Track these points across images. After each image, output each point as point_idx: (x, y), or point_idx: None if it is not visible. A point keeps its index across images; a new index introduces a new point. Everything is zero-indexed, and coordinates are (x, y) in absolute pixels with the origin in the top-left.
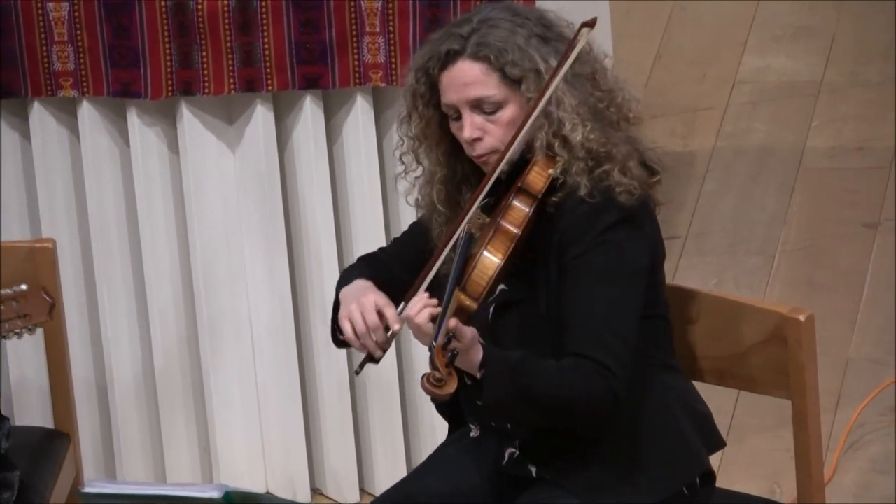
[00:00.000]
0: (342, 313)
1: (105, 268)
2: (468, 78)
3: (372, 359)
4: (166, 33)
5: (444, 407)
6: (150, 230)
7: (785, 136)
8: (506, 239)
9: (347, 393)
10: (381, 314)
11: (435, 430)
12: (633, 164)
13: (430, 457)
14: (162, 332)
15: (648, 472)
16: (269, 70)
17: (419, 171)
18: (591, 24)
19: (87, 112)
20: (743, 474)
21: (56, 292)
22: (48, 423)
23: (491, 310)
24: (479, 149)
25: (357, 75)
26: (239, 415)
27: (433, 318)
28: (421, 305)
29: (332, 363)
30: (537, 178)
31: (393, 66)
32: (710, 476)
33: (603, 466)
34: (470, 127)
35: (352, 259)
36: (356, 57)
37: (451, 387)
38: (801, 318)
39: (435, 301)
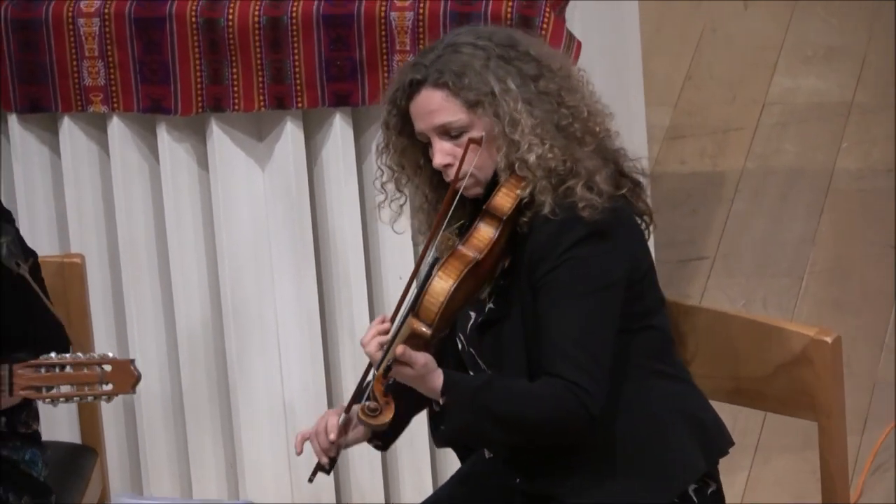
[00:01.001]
0: None
1: (133, 283)
2: (432, 105)
3: (322, 468)
4: (196, 49)
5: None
6: (179, 246)
7: (814, 157)
8: (459, 264)
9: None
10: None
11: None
12: (600, 178)
13: (457, 472)
14: (189, 347)
15: (633, 482)
16: (298, 87)
17: (402, 200)
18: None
19: (117, 127)
20: (769, 495)
21: (84, 307)
22: (75, 438)
23: (468, 327)
24: (452, 174)
25: None
26: (266, 430)
27: (382, 345)
28: (372, 333)
29: (358, 379)
30: (504, 199)
31: None
32: (709, 484)
33: (585, 477)
34: (440, 154)
35: (380, 278)
36: (386, 74)
37: (387, 416)
38: (828, 339)
39: (387, 327)
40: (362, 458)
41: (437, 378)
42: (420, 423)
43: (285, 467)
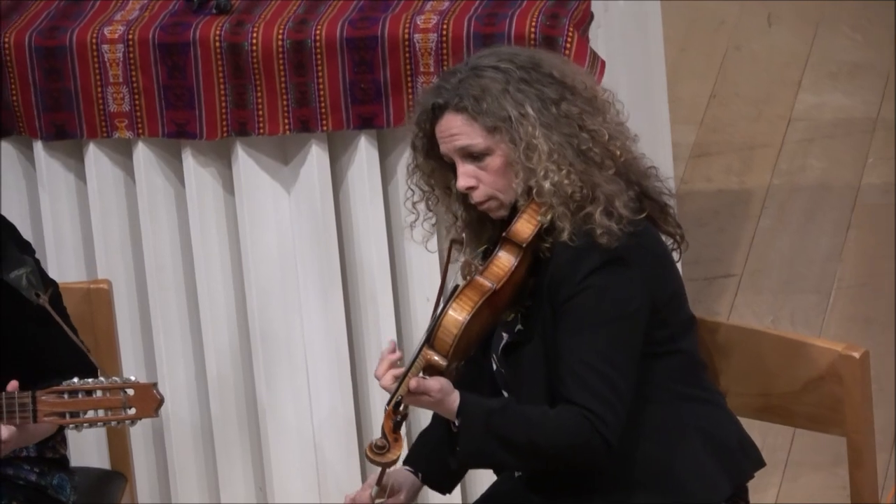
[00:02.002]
0: None
1: (161, 308)
2: (453, 129)
3: None
4: (221, 74)
5: None
6: (206, 271)
7: (840, 173)
8: (475, 294)
9: (403, 432)
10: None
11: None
12: (620, 203)
13: (486, 493)
14: (218, 371)
15: None
16: (323, 110)
17: (434, 219)
18: (459, 241)
19: (143, 153)
20: None
21: (112, 333)
22: (105, 464)
23: (500, 348)
24: (476, 196)
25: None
26: (295, 455)
27: (397, 377)
28: (385, 367)
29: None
30: (524, 226)
31: None
32: None
33: (606, 499)
34: (463, 177)
35: (407, 300)
36: (411, 96)
37: (395, 454)
38: (856, 355)
39: (398, 357)
40: None
41: (454, 401)
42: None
43: (315, 492)
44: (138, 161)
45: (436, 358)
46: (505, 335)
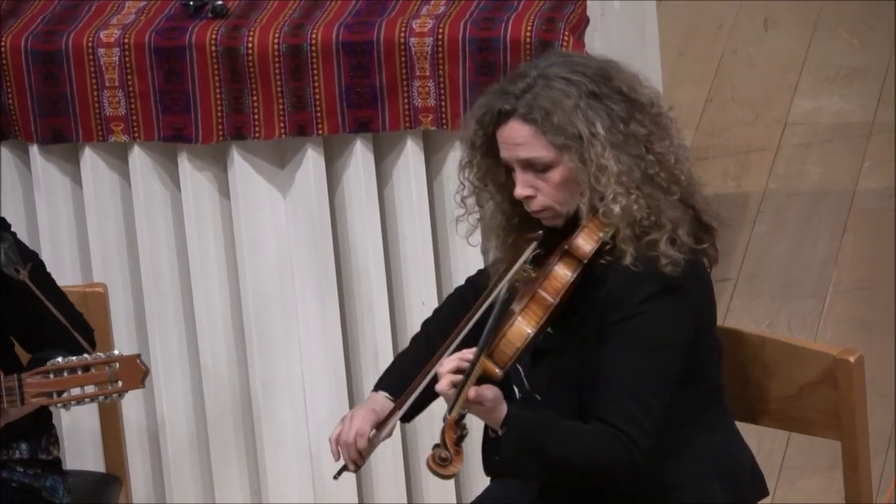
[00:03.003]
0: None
1: (157, 312)
2: (518, 139)
3: (348, 470)
4: (217, 78)
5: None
6: (202, 274)
7: (837, 177)
8: (539, 309)
9: (399, 436)
10: (360, 436)
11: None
12: (683, 232)
13: (482, 495)
14: (214, 375)
15: None
16: (319, 114)
17: (479, 215)
18: (536, 237)
19: (138, 157)
20: None
21: (107, 337)
22: (100, 468)
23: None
24: (533, 205)
25: (407, 119)
26: (291, 459)
27: (455, 384)
28: (449, 368)
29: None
30: (585, 242)
31: (443, 109)
32: None
33: None
34: (522, 185)
35: (402, 304)
36: (406, 100)
37: (457, 467)
38: (851, 359)
39: (465, 365)
40: (387, 489)
41: (502, 411)
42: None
43: (310, 495)
44: (134, 165)
45: (495, 369)
46: None
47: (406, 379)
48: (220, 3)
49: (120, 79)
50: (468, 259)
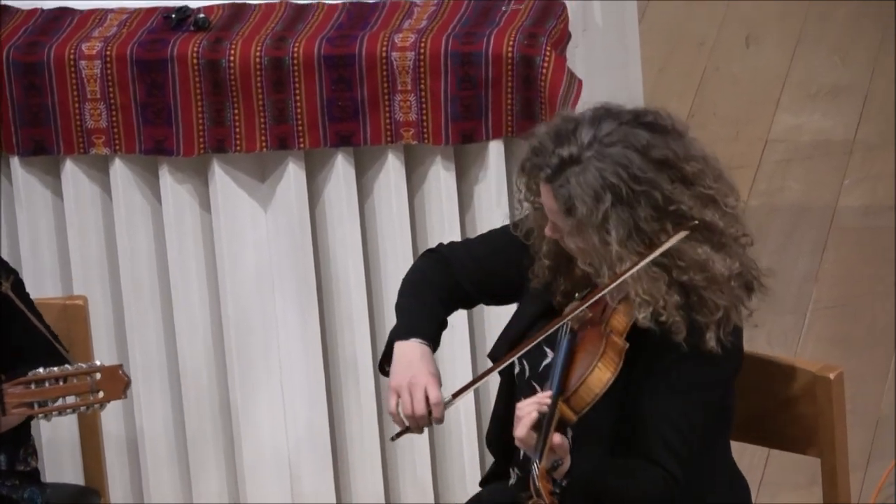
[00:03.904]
0: (392, 382)
1: (137, 324)
2: (547, 203)
3: (410, 431)
4: (199, 91)
5: (496, 444)
6: (182, 287)
7: (818, 194)
8: (615, 354)
9: (378, 450)
10: (427, 400)
11: (466, 485)
12: (735, 316)
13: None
14: (194, 388)
15: None
16: (300, 127)
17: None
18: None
19: (120, 169)
20: None
21: (88, 349)
22: (79, 480)
23: (541, 365)
24: (564, 246)
25: (389, 133)
26: (270, 470)
27: (534, 427)
28: (531, 411)
29: (363, 421)
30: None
31: (425, 123)
32: None
33: None
34: (549, 228)
35: (382, 317)
36: (388, 114)
37: None
38: (831, 375)
39: (538, 407)
40: (366, 500)
41: (568, 460)
42: (424, 465)
43: None
44: (115, 177)
45: (571, 415)
46: (551, 354)
47: (433, 322)
48: (202, 15)
49: (101, 91)
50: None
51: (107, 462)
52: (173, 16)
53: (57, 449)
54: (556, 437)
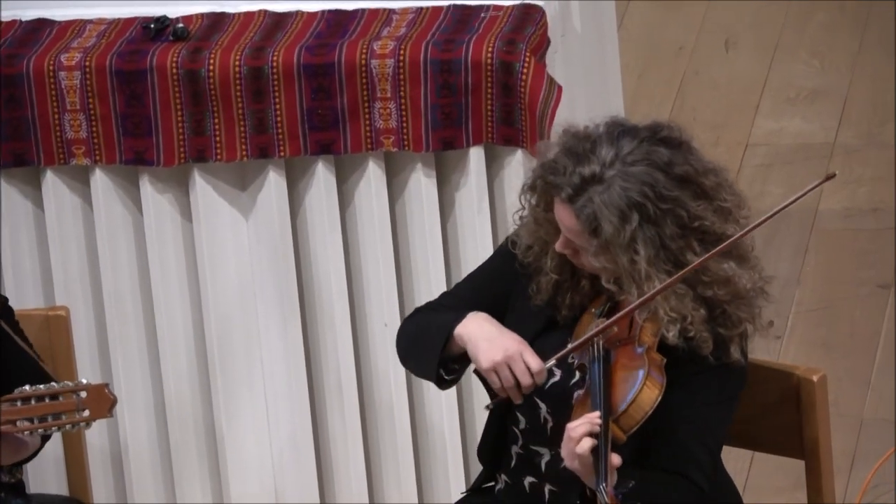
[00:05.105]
0: (485, 364)
1: (119, 335)
2: (565, 222)
3: (509, 399)
4: (179, 101)
5: (487, 455)
6: (164, 297)
7: None
8: (658, 372)
9: (361, 457)
10: (529, 369)
11: (450, 487)
12: (751, 328)
13: None
14: (177, 398)
15: None
16: (281, 136)
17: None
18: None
19: (100, 180)
20: None
21: (70, 359)
22: (63, 491)
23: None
24: (575, 262)
25: (369, 140)
26: (254, 480)
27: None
28: (585, 431)
29: (346, 427)
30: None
31: (405, 130)
32: None
33: None
34: (561, 244)
35: (365, 326)
36: (368, 122)
37: None
38: (815, 378)
39: (590, 427)
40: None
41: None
42: (407, 468)
43: None
44: (96, 188)
45: (622, 435)
46: (558, 372)
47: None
48: (180, 25)
49: (81, 102)
50: (430, 280)
51: (91, 473)
52: (152, 26)
53: (41, 460)
54: (615, 458)
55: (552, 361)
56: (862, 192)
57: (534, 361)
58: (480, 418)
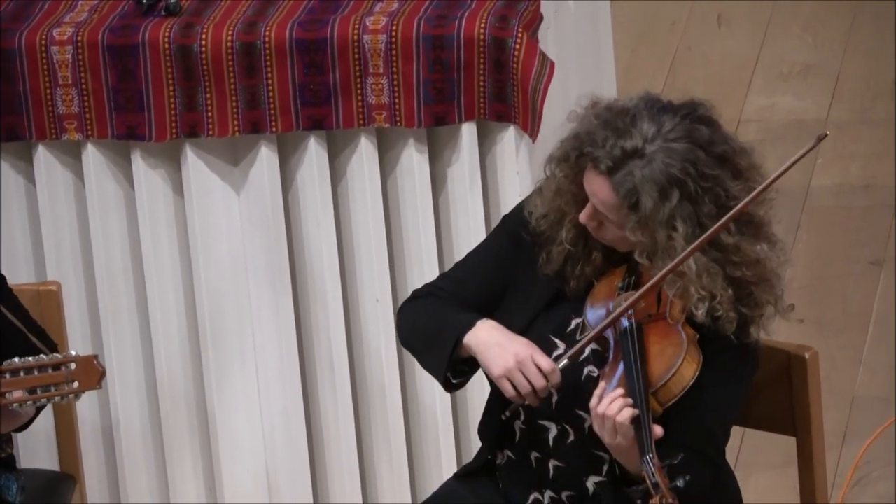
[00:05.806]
0: (496, 371)
1: (111, 310)
2: (599, 194)
3: (526, 404)
4: (171, 76)
5: (488, 432)
6: (156, 272)
7: (791, 174)
8: (694, 346)
9: (353, 435)
10: (540, 371)
11: (442, 470)
12: (771, 312)
13: (437, 492)
14: (168, 374)
15: None
16: (273, 112)
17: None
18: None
19: (92, 155)
20: None
21: (62, 335)
22: (54, 466)
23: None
24: (596, 234)
25: (361, 116)
26: (245, 457)
27: (632, 420)
28: (621, 405)
29: (337, 404)
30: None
31: (397, 106)
32: None
33: None
34: (586, 215)
35: (357, 301)
36: (360, 98)
37: None
38: (807, 355)
39: (625, 402)
40: (342, 485)
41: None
42: (399, 450)
43: (265, 492)
44: (87, 163)
45: (658, 407)
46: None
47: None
48: (173, 0)
49: (73, 77)
50: (422, 256)
51: (82, 448)
52: (144, 1)
53: (32, 435)
54: (658, 429)
55: (564, 361)
56: (854, 169)
57: (545, 362)
58: (472, 395)
